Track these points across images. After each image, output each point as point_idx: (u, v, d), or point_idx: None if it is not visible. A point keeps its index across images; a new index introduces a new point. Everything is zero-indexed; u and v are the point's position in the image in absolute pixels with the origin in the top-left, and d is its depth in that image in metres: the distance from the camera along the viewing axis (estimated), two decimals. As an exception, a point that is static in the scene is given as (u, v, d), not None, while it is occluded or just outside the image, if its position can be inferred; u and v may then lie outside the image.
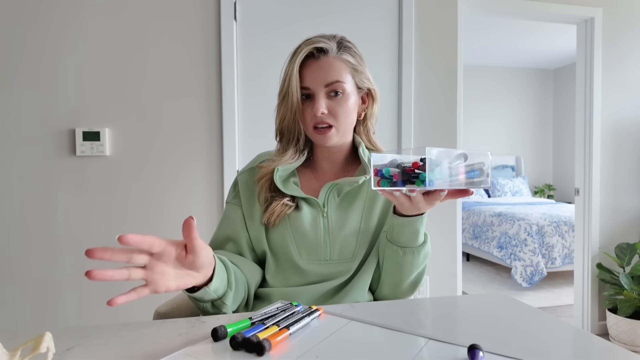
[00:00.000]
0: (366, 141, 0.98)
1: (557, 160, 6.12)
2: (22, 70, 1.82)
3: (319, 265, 0.89)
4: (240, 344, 0.56)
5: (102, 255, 0.54)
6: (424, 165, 0.60)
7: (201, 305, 0.77)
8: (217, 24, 1.96)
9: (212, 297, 0.74)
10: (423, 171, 0.60)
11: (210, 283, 0.71)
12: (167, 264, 0.62)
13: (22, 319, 1.86)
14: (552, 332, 0.63)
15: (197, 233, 0.61)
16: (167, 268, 0.62)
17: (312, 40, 0.88)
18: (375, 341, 0.59)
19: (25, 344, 0.43)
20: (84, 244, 1.89)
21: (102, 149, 1.87)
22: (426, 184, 0.60)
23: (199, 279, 0.67)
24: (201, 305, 0.77)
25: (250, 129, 2.02)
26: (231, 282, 0.79)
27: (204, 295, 0.72)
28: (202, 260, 0.65)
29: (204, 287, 0.71)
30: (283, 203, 0.88)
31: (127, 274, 0.57)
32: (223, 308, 0.78)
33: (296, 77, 0.87)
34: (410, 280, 0.88)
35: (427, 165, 0.59)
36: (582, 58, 2.63)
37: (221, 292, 0.76)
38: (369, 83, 0.94)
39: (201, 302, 0.76)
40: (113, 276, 0.55)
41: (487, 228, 4.35)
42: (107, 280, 0.55)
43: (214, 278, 0.72)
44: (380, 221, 0.93)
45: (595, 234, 2.61)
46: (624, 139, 2.66)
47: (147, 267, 0.60)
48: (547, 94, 6.15)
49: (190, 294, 0.73)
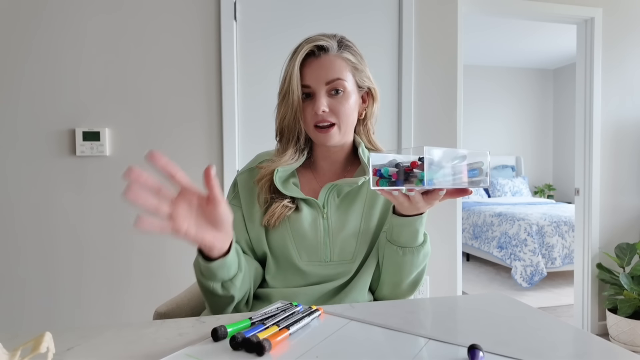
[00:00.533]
0: (366, 141, 0.97)
1: (557, 160, 6.12)
2: (22, 70, 1.82)
3: (319, 266, 0.89)
4: (240, 344, 0.56)
5: (138, 177, 0.58)
6: (423, 165, 0.60)
7: (211, 285, 0.77)
8: (217, 24, 1.96)
9: (225, 275, 0.75)
10: (421, 170, 0.60)
11: (228, 254, 0.73)
12: (190, 207, 0.65)
13: (22, 319, 1.86)
14: (552, 332, 0.63)
15: (217, 182, 0.64)
16: (189, 211, 0.65)
17: (313, 39, 0.88)
18: (375, 341, 0.59)
19: (25, 344, 0.43)
20: (84, 244, 1.89)
21: (102, 149, 1.87)
22: (424, 184, 0.60)
23: (217, 240, 0.69)
24: (211, 285, 0.77)
25: (250, 129, 2.02)
26: (241, 264, 0.80)
27: (220, 268, 0.74)
28: (222, 213, 0.67)
29: (223, 257, 0.73)
30: (283, 205, 0.88)
31: (156, 205, 0.61)
32: (231, 289, 0.78)
33: (297, 75, 0.86)
34: (410, 280, 0.88)
35: (425, 164, 0.59)
36: (582, 58, 2.63)
37: (233, 272, 0.77)
38: (369, 82, 0.93)
39: (212, 280, 0.76)
40: (146, 201, 0.59)
41: (487, 228, 4.35)
42: (141, 202, 0.58)
43: (230, 251, 0.74)
44: (380, 222, 0.93)
45: (595, 234, 2.61)
46: (624, 139, 2.66)
47: (172, 202, 0.63)
48: (547, 94, 6.15)
49: (208, 263, 0.73)
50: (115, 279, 1.92)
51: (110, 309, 1.91)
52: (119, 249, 1.91)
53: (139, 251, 1.93)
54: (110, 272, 1.91)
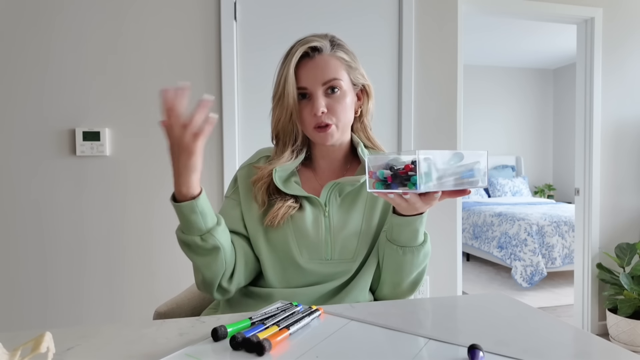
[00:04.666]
0: (364, 139, 0.98)
1: (557, 160, 6.12)
2: (22, 70, 1.82)
3: (320, 264, 0.89)
4: (240, 344, 0.56)
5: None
6: (416, 169, 0.60)
7: (191, 239, 0.80)
8: (217, 24, 1.97)
9: (201, 224, 0.78)
10: (415, 174, 0.60)
11: (199, 197, 0.77)
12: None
13: (22, 319, 1.86)
14: (552, 332, 0.63)
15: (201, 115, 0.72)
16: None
17: (306, 40, 0.88)
18: (375, 341, 0.59)
19: (25, 344, 0.43)
20: (84, 243, 1.89)
21: (102, 149, 1.87)
22: (417, 187, 0.60)
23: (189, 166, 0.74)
24: (191, 239, 0.80)
25: (250, 129, 2.02)
26: (220, 221, 0.82)
27: (192, 212, 0.77)
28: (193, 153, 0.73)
29: (193, 200, 0.76)
30: (287, 205, 0.88)
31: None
32: (210, 240, 0.80)
33: (292, 78, 0.86)
34: (411, 280, 0.88)
35: (418, 168, 0.59)
36: (582, 58, 2.63)
37: (210, 222, 0.80)
38: (363, 79, 0.94)
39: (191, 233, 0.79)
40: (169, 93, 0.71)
41: (487, 228, 4.35)
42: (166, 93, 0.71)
43: (200, 196, 0.77)
44: (381, 221, 0.93)
45: (595, 234, 2.61)
46: (624, 139, 2.66)
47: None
48: (547, 94, 6.15)
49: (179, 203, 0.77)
50: (115, 279, 1.92)
51: (110, 309, 1.91)
52: (119, 248, 1.91)
53: (139, 251, 1.93)
54: (110, 272, 1.91)
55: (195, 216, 0.77)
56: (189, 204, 0.76)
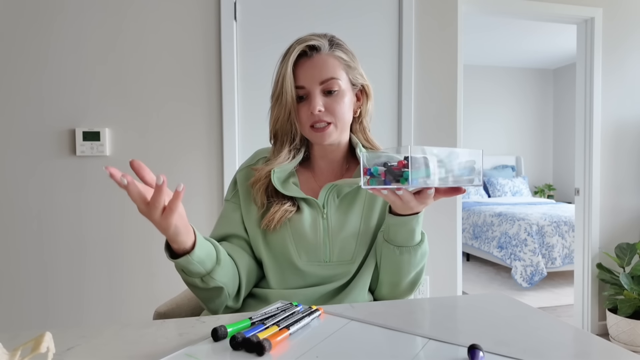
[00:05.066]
0: (363, 140, 0.97)
1: (557, 160, 6.12)
2: (22, 70, 1.83)
3: (319, 266, 0.89)
4: (240, 344, 0.56)
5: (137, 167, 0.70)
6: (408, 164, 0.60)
7: (191, 280, 0.79)
8: (217, 24, 1.97)
9: (200, 270, 0.76)
10: (407, 170, 0.60)
11: (193, 251, 0.74)
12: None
13: (22, 319, 1.86)
14: (552, 332, 0.63)
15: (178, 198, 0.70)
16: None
17: (304, 39, 0.88)
18: (375, 341, 0.59)
19: (25, 344, 0.43)
20: (84, 244, 1.89)
21: (102, 149, 1.87)
22: (409, 182, 0.60)
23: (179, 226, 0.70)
24: (191, 280, 0.79)
25: (250, 128, 2.02)
26: (220, 258, 0.80)
27: (190, 264, 0.75)
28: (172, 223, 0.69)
29: (186, 255, 0.74)
30: (284, 209, 0.87)
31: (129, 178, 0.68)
32: (211, 283, 0.79)
33: (290, 76, 0.86)
34: (409, 280, 0.88)
35: (410, 163, 0.59)
36: (582, 58, 2.63)
37: (209, 266, 0.78)
38: (362, 79, 0.93)
39: (191, 275, 0.78)
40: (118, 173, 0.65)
41: (487, 228, 4.35)
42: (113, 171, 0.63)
43: (195, 248, 0.74)
44: (379, 223, 0.93)
45: (595, 234, 2.61)
46: (624, 139, 2.66)
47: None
48: (547, 94, 6.15)
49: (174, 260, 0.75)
50: (115, 279, 1.92)
51: (110, 309, 1.91)
52: (119, 248, 1.91)
53: (139, 251, 1.93)
54: (110, 272, 1.91)
55: (192, 266, 0.76)
56: (185, 259, 0.74)
